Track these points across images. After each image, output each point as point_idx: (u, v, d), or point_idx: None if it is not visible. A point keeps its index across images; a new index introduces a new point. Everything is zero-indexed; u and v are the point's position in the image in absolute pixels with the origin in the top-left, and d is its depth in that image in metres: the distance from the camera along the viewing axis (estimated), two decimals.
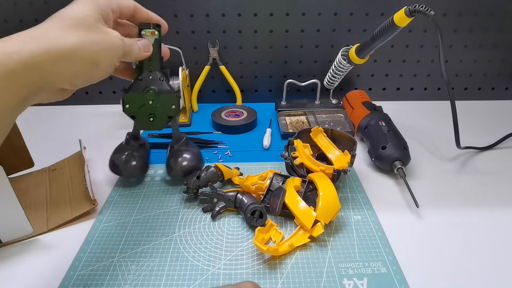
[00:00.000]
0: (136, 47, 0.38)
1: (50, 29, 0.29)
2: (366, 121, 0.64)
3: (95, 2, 0.33)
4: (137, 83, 0.45)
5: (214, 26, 0.75)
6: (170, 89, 0.45)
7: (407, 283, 0.39)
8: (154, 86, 0.44)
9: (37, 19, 0.73)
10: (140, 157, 0.54)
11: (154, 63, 0.44)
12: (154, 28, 0.41)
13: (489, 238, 0.46)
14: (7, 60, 0.26)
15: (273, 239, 0.45)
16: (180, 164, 0.53)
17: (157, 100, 0.45)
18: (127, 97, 0.45)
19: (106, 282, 0.40)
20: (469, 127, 0.70)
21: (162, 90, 0.45)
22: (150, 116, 0.46)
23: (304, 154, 0.55)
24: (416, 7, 0.47)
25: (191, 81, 0.78)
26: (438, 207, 0.51)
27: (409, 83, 0.84)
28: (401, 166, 0.55)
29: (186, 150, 0.54)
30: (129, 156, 0.53)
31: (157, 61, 0.44)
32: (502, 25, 0.76)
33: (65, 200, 0.52)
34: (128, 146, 0.54)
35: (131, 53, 0.37)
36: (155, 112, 0.46)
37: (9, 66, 0.26)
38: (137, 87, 0.45)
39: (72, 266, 0.42)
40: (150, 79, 0.44)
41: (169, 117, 0.47)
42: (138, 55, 0.39)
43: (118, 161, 0.53)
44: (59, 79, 0.30)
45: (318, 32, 0.76)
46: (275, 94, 0.83)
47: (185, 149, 0.54)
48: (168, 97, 0.45)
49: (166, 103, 0.46)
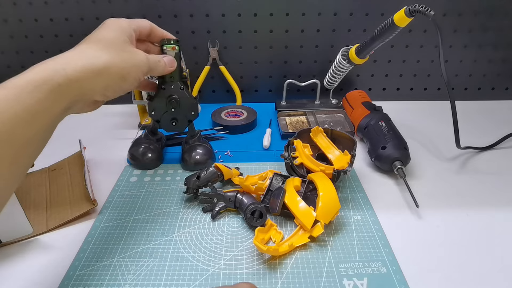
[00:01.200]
0: (162, 63, 0.43)
1: (86, 51, 0.35)
2: (366, 121, 0.64)
3: (120, 25, 0.38)
4: (161, 92, 0.51)
5: (214, 26, 0.75)
6: (189, 97, 0.52)
7: (407, 283, 0.39)
8: (176, 95, 0.51)
9: (37, 19, 0.73)
10: (156, 150, 0.60)
11: (175, 74, 0.50)
12: (175, 44, 0.47)
13: (489, 238, 0.46)
14: (56, 76, 0.31)
15: (273, 239, 0.45)
16: (194, 157, 0.58)
17: (179, 107, 0.52)
18: (152, 105, 0.52)
19: (106, 282, 0.40)
20: (469, 127, 0.70)
21: (183, 98, 0.52)
22: (173, 121, 0.53)
23: (304, 154, 0.55)
24: (416, 7, 0.47)
25: (191, 81, 0.78)
26: (438, 207, 0.51)
27: (409, 83, 0.84)
28: (401, 166, 0.55)
29: (199, 145, 0.59)
30: (146, 149, 0.59)
31: (178, 72, 0.50)
32: (502, 25, 0.76)
33: (65, 200, 0.52)
34: (146, 140, 0.60)
35: (156, 68, 0.42)
36: (177, 117, 0.53)
37: (57, 80, 0.31)
38: (161, 96, 0.51)
39: (72, 266, 0.42)
40: (172, 88, 0.51)
41: (189, 121, 0.55)
42: (164, 70, 0.44)
43: (136, 153, 0.59)
44: (94, 91, 0.35)
45: (318, 32, 0.76)
46: (275, 94, 0.83)
47: (199, 144, 0.60)
48: (188, 104, 0.53)
49: (187, 109, 0.53)
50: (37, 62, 0.32)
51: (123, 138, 0.69)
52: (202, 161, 0.59)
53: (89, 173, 0.58)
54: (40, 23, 0.73)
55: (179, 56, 0.48)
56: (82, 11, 0.72)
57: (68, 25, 0.74)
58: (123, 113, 0.79)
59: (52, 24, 0.73)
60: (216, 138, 0.69)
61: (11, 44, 0.75)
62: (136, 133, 0.71)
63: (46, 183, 0.56)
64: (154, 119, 0.53)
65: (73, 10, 0.72)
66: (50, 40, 0.75)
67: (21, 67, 0.78)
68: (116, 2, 0.71)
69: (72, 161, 0.60)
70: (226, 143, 0.68)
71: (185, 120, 0.54)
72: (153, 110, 0.52)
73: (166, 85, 0.50)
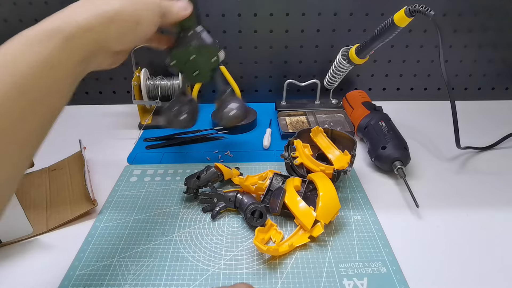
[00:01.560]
0: (175, 8, 0.41)
1: None
2: (366, 121, 0.64)
3: None
4: (179, 41, 0.48)
5: (214, 26, 0.75)
6: (208, 42, 0.48)
7: (407, 283, 0.39)
8: (194, 41, 0.47)
9: (37, 19, 0.73)
10: (189, 111, 0.56)
11: (192, 20, 0.47)
12: None
13: (489, 238, 0.46)
14: (67, 26, 0.30)
15: (273, 239, 0.45)
16: (227, 113, 0.55)
17: (199, 55, 0.48)
18: (172, 55, 0.49)
19: (106, 282, 0.40)
20: (469, 127, 0.70)
21: (202, 44, 0.48)
22: (195, 71, 0.50)
23: (304, 154, 0.55)
24: (416, 7, 0.47)
25: None
26: (438, 207, 0.51)
27: (409, 83, 0.84)
28: (401, 166, 0.55)
29: (231, 101, 0.56)
30: (179, 110, 0.56)
31: (194, 18, 0.47)
32: (502, 25, 0.76)
33: (65, 200, 0.52)
34: (178, 102, 0.56)
35: (170, 13, 0.40)
36: (198, 66, 0.50)
37: (69, 30, 0.30)
38: (179, 44, 0.48)
39: (72, 266, 0.42)
40: (190, 35, 0.47)
41: (212, 69, 0.50)
42: (178, 15, 0.42)
43: (169, 115, 0.56)
44: (110, 40, 0.33)
45: (318, 32, 0.76)
46: (275, 94, 0.83)
47: (231, 100, 0.56)
48: (208, 50, 0.49)
49: (207, 56, 0.49)
50: None
51: (123, 138, 0.69)
52: (236, 115, 0.55)
53: (89, 173, 0.58)
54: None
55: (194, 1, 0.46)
56: None
57: None
58: (123, 113, 0.79)
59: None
60: (216, 138, 0.69)
61: None
62: (137, 133, 0.71)
63: (46, 183, 0.56)
64: (176, 70, 0.50)
65: None
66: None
67: None
68: None
69: (72, 161, 0.60)
70: (226, 143, 0.68)
71: (208, 69, 0.50)
72: (173, 59, 0.49)
73: (183, 32, 0.47)
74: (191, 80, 0.52)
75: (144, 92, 0.71)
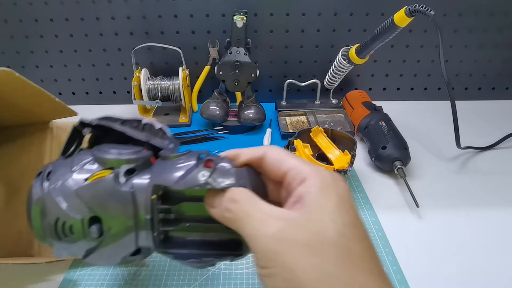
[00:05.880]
0: None
1: None
2: (366, 121, 0.64)
3: None
4: (228, 56, 0.64)
5: (214, 26, 0.74)
6: (251, 62, 0.65)
7: (407, 283, 0.39)
8: (240, 59, 0.64)
9: (37, 19, 0.73)
10: (222, 107, 0.70)
11: (241, 41, 0.64)
12: (244, 15, 0.62)
13: (489, 238, 0.46)
14: None
15: None
16: (247, 115, 0.68)
17: (241, 70, 0.65)
18: (220, 66, 0.65)
19: (106, 282, 0.40)
20: (469, 127, 0.70)
21: (245, 62, 0.64)
22: (235, 81, 0.65)
23: (304, 154, 0.55)
24: (416, 7, 0.47)
25: (191, 81, 0.78)
26: (438, 207, 0.51)
27: (409, 83, 0.84)
28: (401, 166, 0.55)
29: (253, 105, 0.69)
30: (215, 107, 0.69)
31: (244, 40, 0.64)
32: (502, 25, 0.76)
33: None
34: (215, 100, 0.70)
35: None
36: (239, 78, 0.65)
37: None
38: (227, 59, 0.64)
39: (72, 266, 0.42)
40: (238, 53, 0.64)
41: (248, 82, 0.67)
42: None
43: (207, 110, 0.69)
44: None
45: (318, 32, 0.76)
46: (275, 94, 0.83)
47: (253, 105, 0.70)
48: (250, 67, 0.65)
49: (248, 72, 0.65)
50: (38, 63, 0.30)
51: None
52: (254, 118, 0.68)
53: None
54: (40, 23, 0.73)
55: (245, 26, 0.62)
56: (82, 11, 0.72)
57: (68, 25, 0.74)
58: (123, 113, 0.78)
59: (53, 24, 0.73)
60: (216, 138, 0.69)
61: (12, 44, 0.75)
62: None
63: None
64: (220, 79, 0.65)
65: (73, 10, 0.72)
66: (51, 40, 0.75)
67: (22, 67, 0.78)
68: (116, 2, 0.71)
69: None
70: (226, 143, 0.68)
71: (246, 82, 0.66)
72: (221, 71, 0.65)
73: (232, 49, 0.63)
74: (230, 88, 0.67)
75: (144, 92, 0.70)
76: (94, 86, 0.81)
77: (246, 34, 0.64)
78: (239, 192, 0.25)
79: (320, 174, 0.25)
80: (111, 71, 0.79)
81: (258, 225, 0.23)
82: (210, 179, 0.25)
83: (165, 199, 0.28)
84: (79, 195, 0.27)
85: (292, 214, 0.23)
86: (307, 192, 0.24)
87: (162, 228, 0.28)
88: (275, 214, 0.23)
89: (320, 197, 0.23)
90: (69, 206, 0.27)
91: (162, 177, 0.26)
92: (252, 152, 0.28)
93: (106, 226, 0.27)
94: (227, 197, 0.25)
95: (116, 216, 0.26)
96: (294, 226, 0.22)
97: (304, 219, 0.22)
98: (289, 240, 0.22)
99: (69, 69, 0.78)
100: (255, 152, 0.28)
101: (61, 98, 0.44)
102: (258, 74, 0.68)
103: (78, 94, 0.81)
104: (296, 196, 0.24)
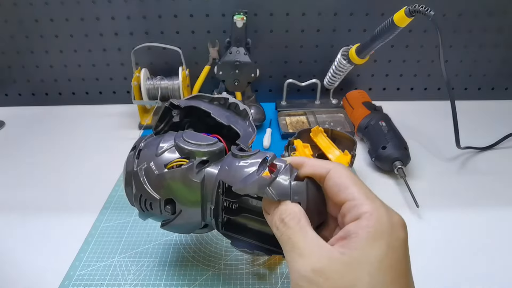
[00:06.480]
0: None
1: None
2: (366, 121, 0.64)
3: None
4: (228, 56, 0.64)
5: (214, 26, 0.75)
6: (251, 62, 0.65)
7: None
8: (240, 59, 0.64)
9: (37, 19, 0.73)
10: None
11: (242, 41, 0.64)
12: (244, 15, 0.63)
13: (489, 238, 0.46)
14: None
15: None
16: None
17: (241, 70, 0.64)
18: (220, 66, 0.65)
19: (106, 282, 0.40)
20: (469, 127, 0.70)
21: (245, 62, 0.64)
22: (235, 81, 0.65)
23: (304, 154, 0.55)
24: (416, 7, 0.47)
25: (191, 81, 0.78)
26: (438, 207, 0.51)
27: (409, 83, 0.84)
28: (401, 166, 0.55)
29: (253, 106, 0.70)
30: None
31: (244, 40, 0.64)
32: (502, 25, 0.76)
33: None
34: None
35: None
36: (239, 78, 0.65)
37: None
38: (227, 59, 0.64)
39: (72, 266, 0.42)
40: (238, 53, 0.64)
41: (248, 82, 0.67)
42: None
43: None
44: None
45: (318, 32, 0.76)
46: (275, 94, 0.83)
47: (253, 105, 0.70)
48: (250, 67, 0.65)
49: (248, 72, 0.65)
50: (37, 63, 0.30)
51: (123, 138, 0.69)
52: (256, 118, 0.68)
53: None
54: (40, 23, 0.73)
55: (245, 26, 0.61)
56: (82, 11, 0.72)
57: (68, 25, 0.74)
58: (123, 113, 0.79)
59: (53, 24, 0.73)
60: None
61: (12, 44, 0.75)
62: (137, 133, 0.71)
63: None
64: (220, 79, 0.65)
65: (73, 10, 0.72)
66: (51, 40, 0.75)
67: (22, 67, 0.78)
68: (116, 2, 0.71)
69: None
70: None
71: (245, 82, 0.66)
72: (220, 70, 0.65)
73: (232, 49, 0.63)
74: (230, 88, 0.67)
75: (144, 92, 0.70)
76: (94, 86, 0.81)
77: (246, 34, 0.64)
78: (289, 213, 0.25)
79: (377, 215, 0.23)
80: (111, 71, 0.79)
81: (297, 258, 0.23)
82: (267, 189, 0.27)
83: (229, 192, 0.31)
84: (159, 179, 0.31)
85: (332, 253, 0.22)
86: (356, 234, 0.22)
87: (225, 216, 0.33)
88: (316, 250, 0.23)
89: (367, 244, 0.22)
90: (151, 187, 0.32)
91: (227, 176, 0.30)
92: (316, 167, 0.28)
93: (178, 208, 0.32)
94: (278, 211, 0.26)
95: (187, 201, 0.31)
96: (329, 271, 0.22)
97: (342, 265, 0.22)
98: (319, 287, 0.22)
99: (69, 69, 0.78)
100: (319, 168, 0.28)
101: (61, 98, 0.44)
102: (258, 74, 0.68)
103: (78, 94, 0.81)
104: (345, 231, 0.23)
